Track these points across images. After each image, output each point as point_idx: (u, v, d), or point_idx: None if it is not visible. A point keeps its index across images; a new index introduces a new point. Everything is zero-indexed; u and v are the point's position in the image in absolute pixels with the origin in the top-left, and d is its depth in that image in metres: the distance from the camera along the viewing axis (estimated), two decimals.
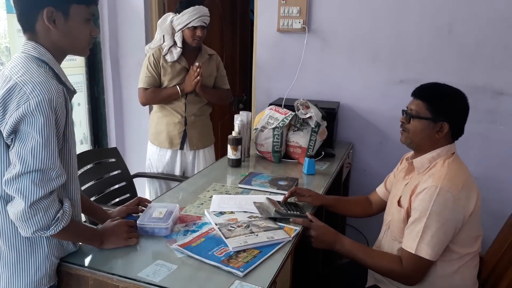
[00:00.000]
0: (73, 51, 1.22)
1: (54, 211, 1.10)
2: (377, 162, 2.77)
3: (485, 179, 2.47)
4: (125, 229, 1.35)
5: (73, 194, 1.23)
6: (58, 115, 1.09)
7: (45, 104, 1.04)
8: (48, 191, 1.08)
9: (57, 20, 1.12)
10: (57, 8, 1.11)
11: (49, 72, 1.12)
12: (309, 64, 2.78)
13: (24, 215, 1.07)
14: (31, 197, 1.06)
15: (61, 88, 1.12)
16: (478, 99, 2.48)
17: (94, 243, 1.29)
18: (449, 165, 1.41)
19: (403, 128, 1.53)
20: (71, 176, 1.21)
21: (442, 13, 2.47)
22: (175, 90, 2.39)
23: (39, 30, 1.13)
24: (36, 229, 1.09)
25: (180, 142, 2.50)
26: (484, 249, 1.66)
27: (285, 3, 2.72)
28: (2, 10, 2.42)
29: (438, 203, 1.33)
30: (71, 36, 1.16)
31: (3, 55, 2.71)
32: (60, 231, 1.13)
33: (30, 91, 1.05)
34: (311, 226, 1.50)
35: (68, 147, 1.18)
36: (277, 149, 2.25)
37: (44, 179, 1.07)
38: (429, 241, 1.33)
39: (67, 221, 1.14)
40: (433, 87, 1.51)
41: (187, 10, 2.28)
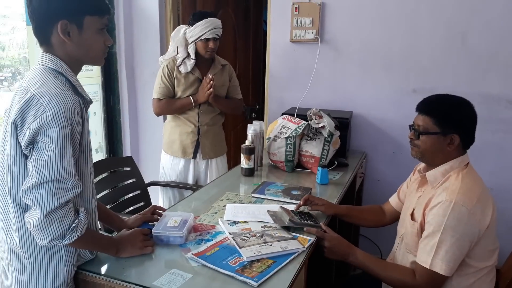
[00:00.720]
0: (88, 61, 1.24)
1: (70, 220, 1.12)
2: (390, 171, 2.75)
3: (500, 190, 2.44)
4: (141, 238, 1.36)
5: (89, 203, 1.24)
6: (74, 126, 1.11)
7: (61, 115, 1.07)
8: (64, 201, 1.10)
9: (71, 32, 1.15)
10: (71, 20, 1.14)
11: (66, 84, 1.15)
12: (322, 74, 2.79)
13: (40, 225, 1.09)
14: (47, 207, 1.08)
15: (77, 99, 1.14)
16: (493, 108, 2.46)
17: (110, 251, 1.30)
18: (463, 178, 1.39)
19: (412, 144, 1.51)
20: (87, 185, 1.23)
21: (455, 22, 2.47)
22: (189, 101, 2.42)
23: (54, 43, 1.16)
24: (52, 238, 1.11)
25: (193, 152, 2.52)
26: (501, 261, 1.64)
27: (298, 13, 2.75)
28: (21, 21, 2.48)
29: (452, 218, 1.31)
30: (86, 47, 1.19)
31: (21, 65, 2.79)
32: (76, 240, 1.14)
33: (46, 103, 1.07)
34: (325, 236, 1.50)
35: (84, 156, 1.20)
36: (290, 159, 2.26)
37: (60, 189, 1.09)
38: (444, 256, 1.32)
39: (83, 231, 1.15)
40: (437, 100, 1.48)
41: (200, 22, 2.31)
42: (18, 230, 1.17)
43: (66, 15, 1.13)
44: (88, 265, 1.28)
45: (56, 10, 1.13)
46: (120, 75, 3.13)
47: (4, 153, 1.16)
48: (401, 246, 1.57)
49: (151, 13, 3.04)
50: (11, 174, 1.14)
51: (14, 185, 1.14)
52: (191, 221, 1.50)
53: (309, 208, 1.72)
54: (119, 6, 2.98)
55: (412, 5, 2.54)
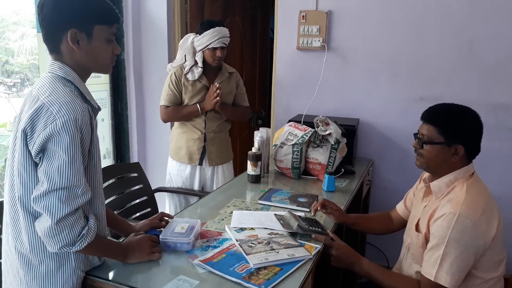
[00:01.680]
0: (96, 69, 1.26)
1: (80, 227, 1.14)
2: (397, 179, 2.74)
3: (509, 198, 2.43)
4: (149, 244, 1.36)
5: (98, 209, 1.26)
6: (83, 133, 1.13)
7: (70, 124, 1.08)
8: (74, 208, 1.12)
9: (80, 41, 1.17)
10: (81, 29, 1.16)
11: (75, 91, 1.17)
12: (329, 81, 2.80)
13: (50, 232, 1.11)
14: (57, 214, 1.09)
15: (86, 106, 1.15)
16: (501, 117, 2.45)
17: (118, 257, 1.31)
18: (468, 189, 1.37)
19: (417, 153, 1.50)
20: (96, 192, 1.24)
21: (463, 30, 2.47)
22: (196, 108, 2.44)
23: (63, 51, 1.18)
24: (63, 245, 1.13)
25: (199, 158, 2.53)
26: (509, 270, 1.62)
27: (305, 22, 2.76)
28: (31, 28, 2.53)
29: (456, 230, 1.29)
30: (95, 56, 1.20)
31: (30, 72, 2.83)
32: (85, 247, 1.16)
33: (56, 111, 1.09)
34: (333, 244, 1.50)
35: (94, 163, 1.21)
36: (297, 166, 2.26)
37: (70, 196, 1.11)
38: (448, 269, 1.31)
39: (92, 237, 1.17)
40: (442, 110, 1.46)
41: (208, 31, 2.34)
42: (28, 236, 1.18)
43: (76, 24, 1.15)
44: (96, 271, 1.29)
45: (66, 19, 1.14)
46: (128, 82, 3.16)
47: (14, 160, 1.17)
48: (407, 256, 1.56)
49: (160, 21, 3.07)
50: (21, 181, 1.15)
51: (24, 192, 1.16)
52: (198, 228, 1.51)
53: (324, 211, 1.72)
54: (128, 14, 3.02)
55: (419, 13, 2.55)
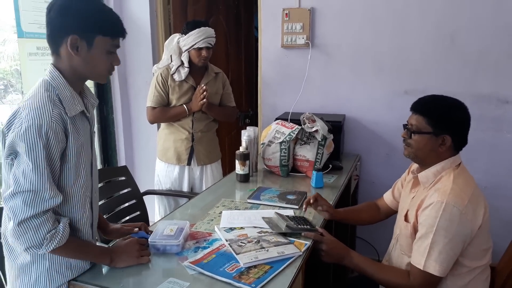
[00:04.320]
0: (92, 78, 1.27)
1: (46, 230, 1.12)
2: (385, 173, 2.77)
3: (494, 188, 2.46)
4: (137, 247, 1.36)
5: (76, 213, 1.24)
6: (50, 139, 1.11)
7: (32, 130, 1.08)
8: (40, 211, 1.11)
9: (80, 48, 1.17)
10: (82, 37, 1.16)
11: (54, 97, 1.16)
12: (314, 78, 2.81)
13: (14, 233, 1.11)
14: (20, 215, 1.10)
15: (58, 112, 1.14)
16: (484, 107, 2.49)
17: (104, 261, 1.30)
18: (455, 178, 1.40)
19: (405, 143, 1.52)
20: (74, 196, 1.23)
21: (444, 23, 2.50)
22: (183, 109, 2.43)
23: (62, 54, 1.18)
24: (28, 247, 1.13)
25: (188, 158, 2.53)
26: (496, 258, 1.65)
27: (288, 19, 2.77)
28: (13, 33, 2.49)
29: (444, 219, 1.32)
30: (92, 65, 1.21)
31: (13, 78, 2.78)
32: (57, 249, 1.16)
33: (24, 116, 1.10)
34: (322, 240, 1.51)
35: (69, 167, 1.19)
36: (285, 163, 2.27)
37: (35, 199, 1.11)
38: (437, 257, 1.33)
39: (61, 240, 1.15)
40: (432, 100, 1.49)
41: (193, 31, 2.33)
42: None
43: (78, 31, 1.15)
44: (84, 276, 1.28)
45: (69, 24, 1.15)
46: (113, 85, 3.13)
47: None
48: (396, 247, 1.58)
49: (143, 23, 3.04)
50: (3, 178, 1.17)
51: (4, 189, 1.18)
52: (187, 229, 1.50)
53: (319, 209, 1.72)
54: None
55: (400, 7, 2.57)
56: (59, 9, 1.15)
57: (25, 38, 2.43)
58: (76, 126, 1.20)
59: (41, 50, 2.54)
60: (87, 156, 1.27)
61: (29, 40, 2.45)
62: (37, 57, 2.51)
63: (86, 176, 1.27)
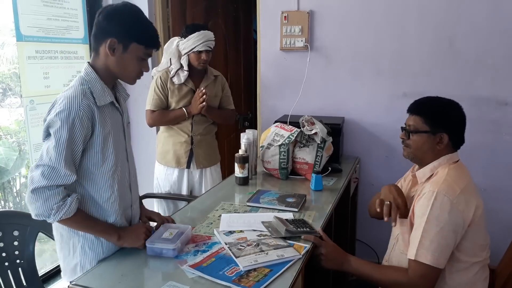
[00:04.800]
0: (122, 78, 1.43)
1: (54, 202, 1.27)
2: (384, 175, 2.77)
3: (493, 190, 2.47)
4: (144, 231, 1.44)
5: (104, 193, 1.39)
6: (76, 125, 1.27)
7: (62, 115, 1.26)
8: (53, 184, 1.26)
9: (116, 50, 1.34)
10: (119, 41, 1.33)
11: (86, 90, 1.33)
12: (313, 81, 2.82)
13: (28, 199, 1.28)
14: (35, 184, 1.26)
15: (86, 103, 1.30)
16: (483, 110, 2.49)
17: (111, 237, 1.40)
18: (449, 171, 1.44)
19: (404, 144, 1.56)
20: (102, 178, 1.38)
21: (442, 26, 2.51)
22: (182, 113, 2.43)
23: (101, 53, 1.36)
24: (37, 214, 1.28)
25: (187, 161, 2.52)
26: (495, 261, 1.65)
27: (287, 22, 2.77)
28: (11, 36, 2.49)
29: (435, 207, 1.34)
30: (123, 67, 1.37)
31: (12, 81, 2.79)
32: (65, 220, 1.31)
33: (59, 104, 1.30)
34: (322, 244, 1.51)
35: (96, 151, 1.35)
36: (284, 166, 2.27)
37: (51, 173, 1.26)
38: (428, 246, 1.34)
39: (67, 213, 1.29)
40: (427, 101, 1.55)
41: (193, 35, 2.34)
42: None
43: (117, 35, 1.32)
44: (83, 280, 1.28)
45: (111, 28, 1.32)
46: None
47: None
48: (396, 247, 1.59)
49: None
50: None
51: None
52: (188, 234, 1.50)
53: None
54: None
55: (400, 11, 2.58)
56: (107, 14, 1.33)
57: (23, 41, 2.43)
58: (103, 116, 1.36)
59: (40, 54, 2.54)
60: (119, 143, 1.43)
61: (28, 43, 2.45)
62: (35, 61, 2.51)
63: (122, 162, 1.44)
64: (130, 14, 1.35)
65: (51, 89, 2.61)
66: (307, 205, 1.89)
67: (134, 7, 1.38)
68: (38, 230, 1.91)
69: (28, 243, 1.88)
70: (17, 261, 1.86)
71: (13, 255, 1.84)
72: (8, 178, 2.77)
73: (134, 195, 1.54)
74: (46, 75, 2.58)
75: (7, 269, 1.82)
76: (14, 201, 2.88)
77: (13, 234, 1.85)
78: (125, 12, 1.35)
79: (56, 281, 2.67)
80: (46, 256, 2.86)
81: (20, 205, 2.85)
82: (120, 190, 1.44)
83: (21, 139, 2.76)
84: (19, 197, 2.89)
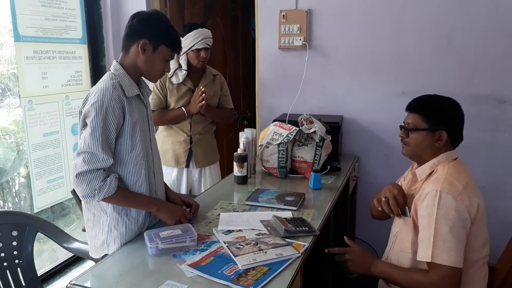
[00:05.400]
0: (146, 75, 1.58)
1: (96, 183, 1.42)
2: (383, 174, 2.77)
3: (492, 188, 2.47)
4: (180, 214, 1.61)
5: (133, 177, 1.54)
6: (108, 114, 1.42)
7: (97, 106, 1.41)
8: (93, 168, 1.41)
9: (146, 50, 1.51)
10: (151, 42, 1.50)
11: (116, 83, 1.48)
12: (312, 80, 2.81)
13: (74, 183, 1.45)
14: (78, 169, 1.42)
15: (117, 94, 1.45)
16: (482, 108, 2.49)
17: (151, 208, 1.58)
18: (449, 169, 1.44)
19: (403, 142, 1.56)
20: (131, 162, 1.53)
21: (440, 24, 2.50)
22: (181, 112, 2.43)
23: (131, 51, 1.52)
24: (83, 195, 1.45)
25: (186, 160, 2.52)
26: (494, 258, 1.65)
27: (286, 21, 2.77)
28: (10, 37, 2.49)
29: (441, 206, 1.34)
30: (151, 65, 1.54)
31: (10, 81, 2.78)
32: (108, 198, 1.46)
33: (92, 96, 1.45)
34: (346, 250, 1.52)
35: (126, 138, 1.50)
36: (283, 165, 2.27)
37: (91, 159, 1.42)
38: (442, 246, 1.32)
39: (109, 191, 1.44)
40: (425, 99, 1.55)
41: (191, 33, 2.34)
42: None
43: (150, 37, 1.50)
44: (82, 280, 1.27)
45: (145, 31, 1.50)
46: None
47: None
48: (394, 245, 1.58)
49: None
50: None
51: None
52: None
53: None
54: (107, 19, 2.99)
55: (398, 9, 2.58)
56: (142, 19, 1.51)
57: (22, 41, 2.43)
58: (132, 106, 1.51)
59: (38, 54, 2.53)
60: (144, 133, 1.57)
61: (26, 44, 2.45)
62: (34, 61, 2.51)
63: (147, 149, 1.59)
64: (161, 20, 1.55)
65: (50, 89, 2.61)
66: (306, 203, 1.89)
67: (164, 15, 1.61)
68: (37, 230, 1.91)
69: (27, 243, 1.88)
70: (16, 261, 1.86)
71: (11, 255, 1.84)
72: (6, 178, 2.77)
73: (158, 181, 1.68)
74: (45, 75, 2.58)
75: (5, 269, 1.82)
76: (13, 201, 2.87)
77: (12, 234, 1.86)
78: (158, 18, 1.55)
79: (55, 281, 2.68)
80: (45, 256, 2.86)
81: (18, 205, 2.85)
82: (146, 175, 1.58)
83: (20, 139, 2.75)
84: (17, 197, 2.89)
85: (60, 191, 2.73)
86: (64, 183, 2.75)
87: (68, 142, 2.76)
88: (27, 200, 2.77)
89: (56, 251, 2.88)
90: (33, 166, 2.54)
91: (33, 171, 2.54)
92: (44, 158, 2.59)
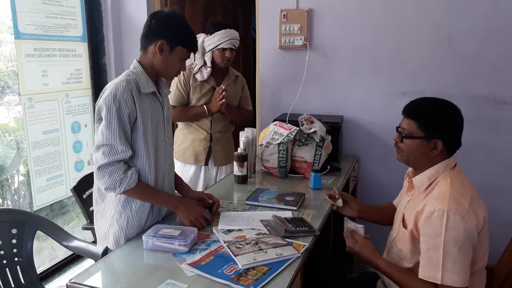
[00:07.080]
0: (163, 74, 1.63)
1: (117, 175, 1.46)
2: (383, 174, 2.77)
3: (491, 189, 2.46)
4: (198, 214, 1.59)
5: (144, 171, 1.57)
6: (122, 105, 1.46)
7: (110, 98, 1.46)
8: (113, 160, 1.46)
9: (164, 50, 1.54)
10: (168, 43, 1.54)
11: (131, 79, 1.53)
12: (312, 79, 2.81)
13: (96, 176, 1.50)
14: (99, 162, 1.46)
15: (129, 89, 1.49)
16: (481, 108, 2.49)
17: (170, 205, 1.61)
18: (452, 183, 1.38)
19: (397, 147, 1.52)
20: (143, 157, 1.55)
21: (441, 25, 2.50)
22: (202, 110, 2.46)
23: (149, 51, 1.57)
24: (106, 187, 1.49)
25: (205, 158, 2.54)
26: (493, 259, 1.66)
27: (286, 20, 2.77)
28: (9, 34, 2.48)
29: (450, 228, 1.29)
30: (167, 65, 1.58)
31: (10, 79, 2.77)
32: (129, 191, 1.50)
33: (107, 89, 1.50)
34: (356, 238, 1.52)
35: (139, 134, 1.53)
36: (283, 165, 2.27)
37: (110, 151, 1.46)
38: (452, 268, 1.29)
39: (130, 184, 1.48)
40: (423, 104, 1.48)
41: (219, 32, 2.37)
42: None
43: (167, 38, 1.53)
44: (82, 278, 1.27)
45: (163, 31, 1.53)
46: None
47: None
48: (393, 250, 1.57)
49: (140, 24, 2.99)
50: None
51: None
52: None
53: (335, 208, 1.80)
54: (107, 18, 2.98)
55: (398, 9, 2.57)
56: (160, 20, 1.54)
57: (22, 39, 2.42)
58: (145, 103, 1.55)
59: (38, 52, 2.53)
60: (159, 131, 1.61)
61: (26, 41, 2.45)
62: (34, 58, 2.50)
63: (161, 148, 1.62)
64: (179, 21, 1.58)
65: (50, 87, 2.60)
66: (305, 203, 1.90)
67: (182, 16, 1.63)
68: (37, 228, 1.91)
69: (27, 241, 1.88)
70: (15, 259, 1.86)
71: (11, 253, 1.84)
72: (6, 176, 2.76)
73: (169, 181, 1.70)
74: (45, 73, 2.58)
75: (5, 267, 1.82)
76: (12, 199, 2.87)
77: (11, 232, 1.85)
78: (175, 19, 1.57)
79: (55, 279, 2.68)
80: (44, 254, 2.85)
81: (18, 203, 2.84)
82: (157, 175, 1.62)
83: (19, 137, 2.75)
84: (17, 195, 2.88)
85: (60, 189, 2.73)
86: (64, 181, 2.75)
87: (67, 140, 2.76)
88: (26, 198, 2.77)
89: (55, 249, 2.88)
90: (33, 164, 2.53)
91: (33, 169, 2.54)
92: (43, 156, 2.59)
